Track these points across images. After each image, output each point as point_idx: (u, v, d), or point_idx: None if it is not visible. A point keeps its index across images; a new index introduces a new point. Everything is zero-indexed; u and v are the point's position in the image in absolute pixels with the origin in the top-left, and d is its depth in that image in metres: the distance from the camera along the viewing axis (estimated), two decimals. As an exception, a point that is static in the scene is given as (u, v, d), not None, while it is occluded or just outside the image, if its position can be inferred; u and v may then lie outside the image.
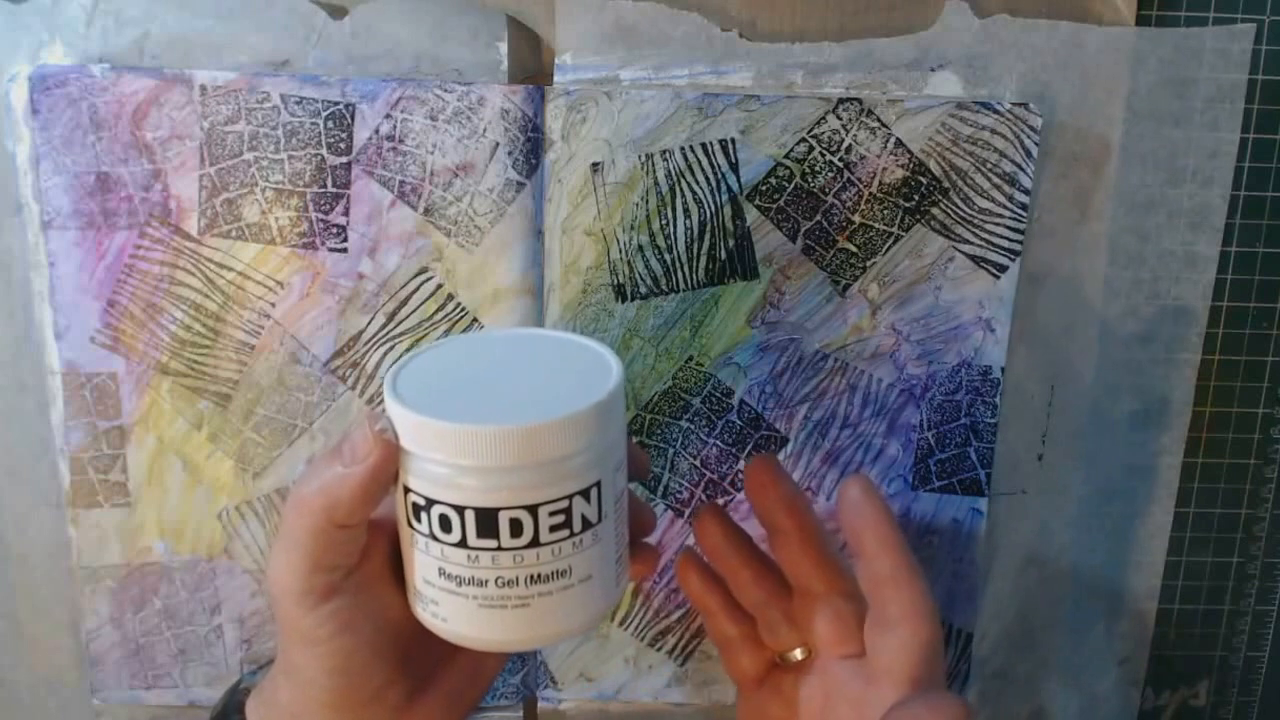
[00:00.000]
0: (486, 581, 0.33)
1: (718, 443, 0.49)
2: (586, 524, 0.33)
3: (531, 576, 0.33)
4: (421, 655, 0.37)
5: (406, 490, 0.33)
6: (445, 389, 0.34)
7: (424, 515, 0.33)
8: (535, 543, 0.33)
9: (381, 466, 0.33)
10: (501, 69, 0.45)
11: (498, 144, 0.45)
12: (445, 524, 0.32)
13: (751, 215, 0.46)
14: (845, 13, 0.45)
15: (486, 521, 0.32)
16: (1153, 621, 0.52)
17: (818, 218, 0.46)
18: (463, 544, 0.32)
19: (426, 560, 0.34)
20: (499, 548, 0.32)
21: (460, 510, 0.32)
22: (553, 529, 0.33)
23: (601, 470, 0.33)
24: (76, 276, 0.46)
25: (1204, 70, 0.46)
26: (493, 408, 0.32)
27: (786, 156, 0.46)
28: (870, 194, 0.46)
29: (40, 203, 0.45)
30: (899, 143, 0.45)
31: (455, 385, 0.34)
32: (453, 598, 0.34)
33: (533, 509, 0.32)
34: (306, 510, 0.33)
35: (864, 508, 0.39)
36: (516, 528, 0.32)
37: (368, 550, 0.35)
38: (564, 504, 0.32)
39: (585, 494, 0.33)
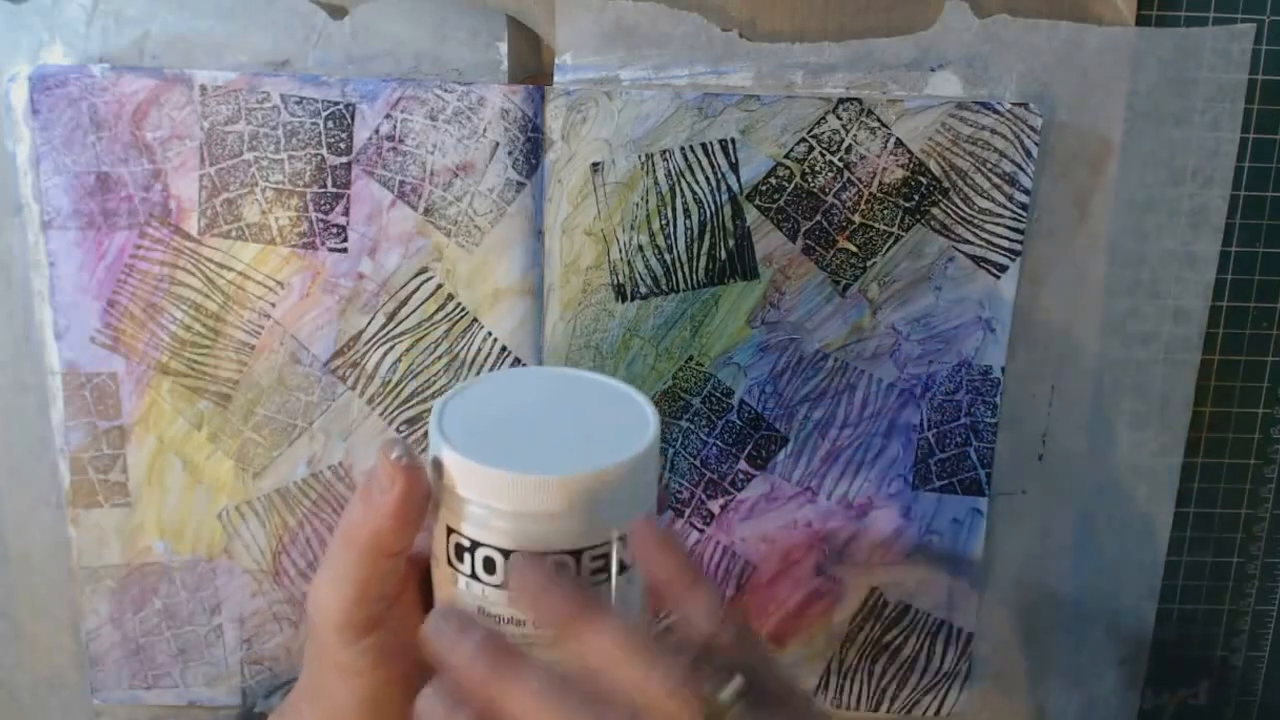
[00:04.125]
0: (525, 621, 0.34)
1: (718, 443, 0.49)
2: (623, 567, 0.34)
3: None
4: None
5: (450, 531, 0.34)
6: (491, 432, 0.35)
7: (467, 556, 0.34)
8: None
9: (409, 490, 0.33)
10: (501, 69, 0.45)
11: (498, 144, 0.45)
12: (489, 566, 0.33)
13: (751, 215, 0.46)
14: (845, 13, 0.45)
15: None
16: (1153, 621, 0.52)
17: (818, 218, 0.46)
18: (505, 585, 0.33)
19: (466, 599, 0.34)
20: None
21: (506, 554, 0.33)
22: (593, 573, 0.34)
23: (638, 516, 0.34)
24: (76, 276, 0.46)
25: (1204, 70, 0.46)
26: (540, 455, 0.33)
27: (786, 156, 0.46)
28: (870, 194, 0.46)
29: (40, 203, 0.45)
30: (899, 143, 0.45)
31: (501, 428, 0.35)
32: None
33: (576, 554, 0.33)
34: (354, 542, 0.34)
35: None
36: (560, 572, 0.33)
37: (402, 586, 0.36)
38: (605, 549, 0.34)
39: (624, 539, 0.34)
